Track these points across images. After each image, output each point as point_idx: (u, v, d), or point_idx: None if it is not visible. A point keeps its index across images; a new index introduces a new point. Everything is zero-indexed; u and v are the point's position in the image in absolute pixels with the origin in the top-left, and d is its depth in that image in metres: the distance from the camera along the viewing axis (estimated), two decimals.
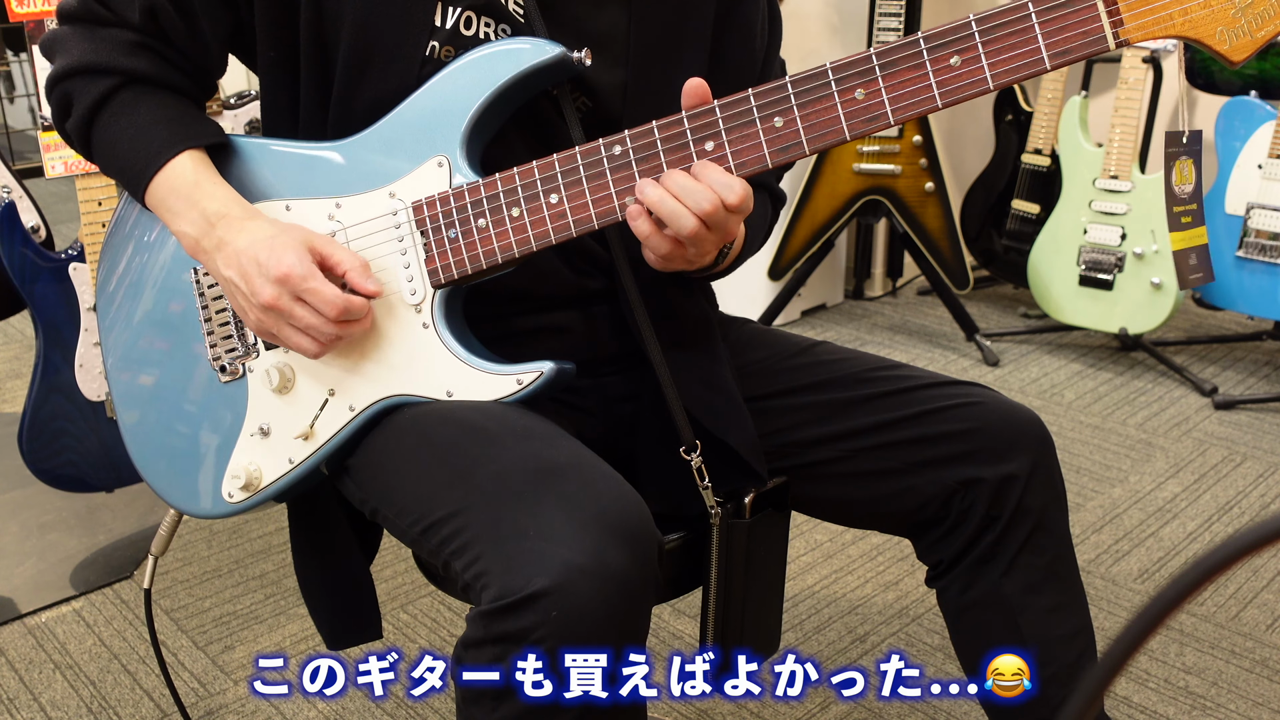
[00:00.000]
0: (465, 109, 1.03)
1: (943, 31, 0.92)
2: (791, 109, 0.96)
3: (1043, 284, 2.97)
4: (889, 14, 2.97)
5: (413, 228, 1.05)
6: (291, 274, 0.99)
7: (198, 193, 1.05)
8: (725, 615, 1.15)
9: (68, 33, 1.08)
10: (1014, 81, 0.92)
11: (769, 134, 0.96)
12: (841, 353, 1.22)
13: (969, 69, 0.92)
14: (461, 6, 1.05)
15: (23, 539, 2.17)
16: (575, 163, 1.01)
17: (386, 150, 1.06)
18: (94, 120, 1.08)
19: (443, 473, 0.98)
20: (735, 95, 0.96)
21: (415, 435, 1.04)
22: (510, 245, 1.03)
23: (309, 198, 1.08)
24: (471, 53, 1.04)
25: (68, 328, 1.91)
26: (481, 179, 1.03)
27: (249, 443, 1.12)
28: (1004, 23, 0.91)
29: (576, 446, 0.98)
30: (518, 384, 1.03)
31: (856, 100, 0.94)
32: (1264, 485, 2.36)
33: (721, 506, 1.12)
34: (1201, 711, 1.67)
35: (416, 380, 1.06)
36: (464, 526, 0.91)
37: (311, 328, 1.01)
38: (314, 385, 1.09)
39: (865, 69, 0.93)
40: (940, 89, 0.93)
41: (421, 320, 1.05)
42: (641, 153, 0.99)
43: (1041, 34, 0.90)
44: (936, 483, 1.13)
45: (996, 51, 0.91)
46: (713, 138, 0.97)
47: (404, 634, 1.87)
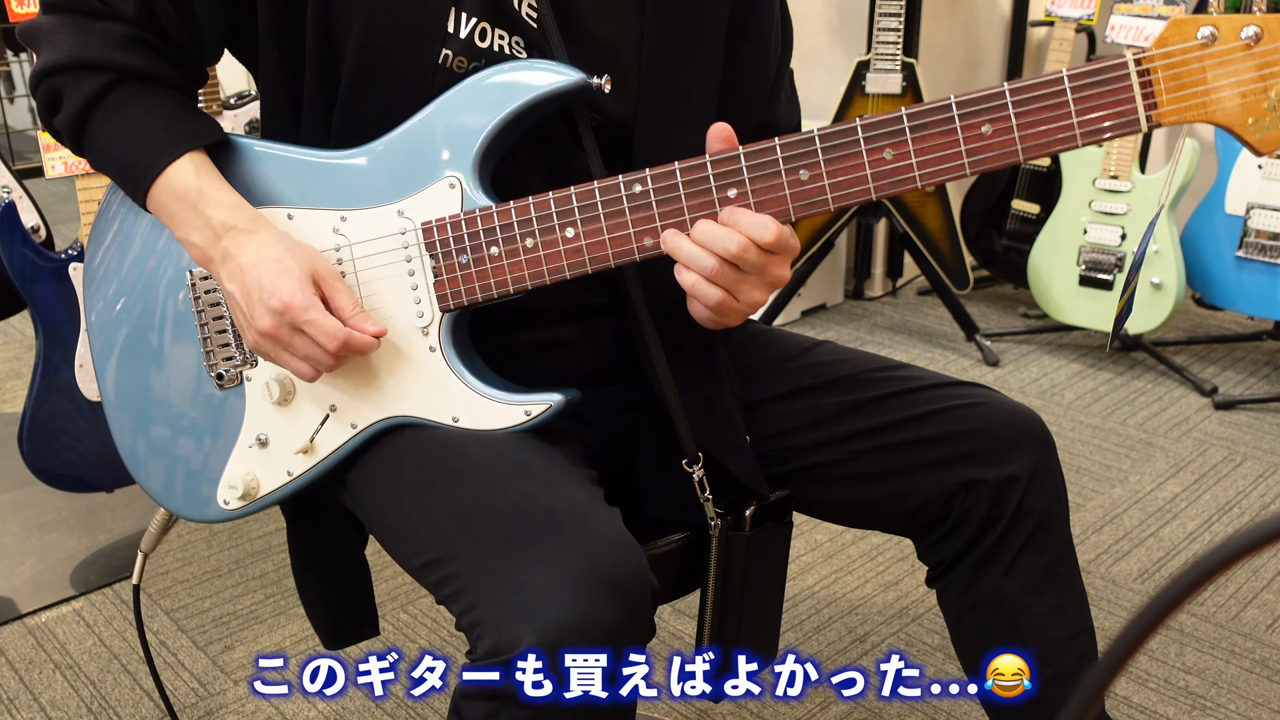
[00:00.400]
0: (479, 130, 1.01)
1: (976, 98, 0.91)
2: (818, 163, 0.94)
3: (1043, 284, 2.97)
4: (889, 14, 2.97)
5: (422, 249, 1.03)
6: (291, 306, 0.97)
7: (202, 201, 1.02)
8: (722, 625, 1.15)
9: (55, 24, 1.03)
10: (1044, 155, 0.92)
11: (793, 186, 0.95)
12: (842, 353, 1.22)
13: (1000, 139, 0.91)
14: (476, 16, 1.02)
15: (23, 539, 2.17)
16: (593, 198, 0.99)
17: (395, 165, 1.03)
18: (87, 119, 1.04)
19: (441, 510, 0.97)
20: (761, 144, 0.95)
21: (415, 463, 1.03)
22: (523, 276, 1.01)
23: (313, 208, 1.06)
24: (488, 71, 1.01)
25: (68, 328, 1.91)
26: (495, 205, 1.01)
27: (246, 453, 1.11)
28: (1038, 94, 0.90)
29: (573, 488, 0.97)
30: (525, 415, 1.02)
31: (884, 160, 0.93)
32: (1264, 485, 2.36)
33: (722, 518, 1.12)
34: (1201, 711, 1.67)
35: (422, 404, 1.04)
36: (459, 572, 0.91)
37: (310, 358, 0.99)
38: (315, 400, 1.08)
39: (895, 129, 0.93)
40: (969, 156, 0.92)
41: (428, 343, 1.04)
42: (662, 194, 0.97)
43: (1075, 109, 0.90)
44: (937, 484, 1.12)
45: (1029, 124, 0.90)
46: (736, 185, 0.96)
47: (404, 634, 1.87)
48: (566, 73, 0.99)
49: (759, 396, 1.18)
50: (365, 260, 1.04)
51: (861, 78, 3.04)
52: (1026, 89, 0.90)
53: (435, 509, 0.98)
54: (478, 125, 1.01)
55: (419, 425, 1.05)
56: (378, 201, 1.04)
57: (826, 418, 1.16)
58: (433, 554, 0.95)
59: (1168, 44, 0.89)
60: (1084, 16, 2.93)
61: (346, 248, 1.05)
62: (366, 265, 1.04)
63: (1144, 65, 0.89)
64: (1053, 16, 2.99)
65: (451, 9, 1.02)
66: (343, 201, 1.05)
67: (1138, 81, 0.89)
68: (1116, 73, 0.89)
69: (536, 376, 1.11)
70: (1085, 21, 2.94)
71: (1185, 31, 0.88)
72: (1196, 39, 0.88)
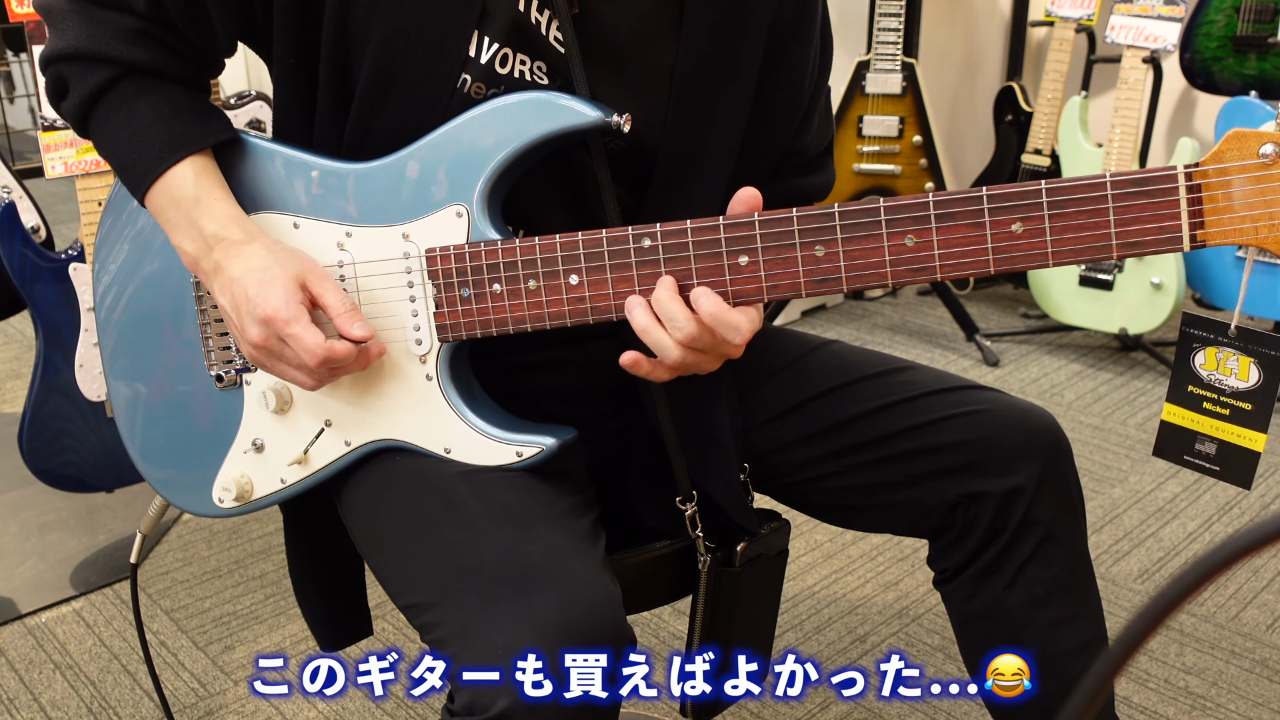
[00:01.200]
0: (489, 159, 0.98)
1: (1010, 193, 0.86)
2: (835, 240, 0.90)
3: (1043, 284, 2.97)
4: (889, 14, 2.98)
5: (424, 276, 1.00)
6: (275, 317, 0.95)
7: (197, 210, 1.00)
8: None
9: (66, 9, 1.00)
10: (1074, 262, 0.86)
11: (807, 262, 0.91)
12: (847, 355, 1.19)
13: (1030, 240, 0.86)
14: (498, 40, 0.99)
15: (23, 539, 2.17)
16: (600, 246, 0.95)
17: (403, 186, 1.00)
18: (90, 111, 1.02)
19: (423, 553, 0.97)
20: (779, 213, 0.91)
21: (403, 497, 1.02)
22: (524, 318, 0.99)
23: (320, 219, 1.03)
24: (505, 99, 0.97)
25: (68, 328, 1.91)
26: (500, 240, 0.98)
27: (242, 457, 1.10)
28: (1077, 198, 0.84)
29: (555, 536, 0.95)
30: (516, 456, 1.01)
31: (905, 247, 0.89)
32: (1264, 485, 2.36)
33: (712, 554, 1.11)
34: (1201, 711, 1.67)
35: (415, 431, 1.03)
36: (439, 622, 0.91)
37: (302, 368, 0.97)
38: (311, 412, 1.07)
39: (920, 215, 0.88)
40: (995, 254, 0.87)
41: (425, 372, 1.02)
42: (671, 251, 0.94)
43: (1115, 218, 0.83)
44: (938, 495, 1.10)
45: (1063, 227, 0.85)
46: (748, 253, 0.92)
47: (404, 634, 1.87)
48: (585, 110, 0.96)
49: (763, 410, 1.16)
50: (368, 280, 1.02)
51: (861, 78, 3.04)
52: (1065, 189, 0.85)
53: (418, 551, 0.97)
54: (488, 156, 0.98)
55: (411, 451, 1.04)
56: (383, 221, 1.01)
57: (827, 429, 1.13)
58: (415, 598, 0.95)
59: (1224, 159, 0.81)
60: (1084, 17, 2.93)
61: (350, 265, 1.03)
62: (369, 285, 1.03)
63: (1195, 180, 0.82)
64: (1053, 16, 2.99)
65: (474, 32, 0.98)
66: (349, 216, 1.03)
67: (1186, 197, 0.82)
68: (1164, 185, 0.83)
69: (534, 394, 1.10)
70: (1085, 22, 2.94)
71: (1246, 147, 0.81)
72: (1258, 156, 0.81)
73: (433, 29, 0.97)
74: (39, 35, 1.82)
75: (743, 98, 1.06)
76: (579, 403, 1.09)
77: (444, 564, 0.95)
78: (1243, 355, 0.92)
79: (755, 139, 1.09)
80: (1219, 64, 2.86)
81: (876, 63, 3.01)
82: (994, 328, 3.22)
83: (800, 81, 1.11)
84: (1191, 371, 0.95)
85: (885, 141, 3.02)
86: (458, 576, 0.93)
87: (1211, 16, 2.84)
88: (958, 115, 3.65)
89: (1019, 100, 3.14)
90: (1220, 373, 0.94)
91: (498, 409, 1.06)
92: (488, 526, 0.96)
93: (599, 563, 0.96)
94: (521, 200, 1.04)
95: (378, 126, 1.02)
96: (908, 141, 3.01)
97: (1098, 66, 3.22)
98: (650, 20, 1.02)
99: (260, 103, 2.01)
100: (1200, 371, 0.94)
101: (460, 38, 0.98)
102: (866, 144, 3.05)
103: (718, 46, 1.04)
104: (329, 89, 1.02)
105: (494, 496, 0.99)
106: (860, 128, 3.06)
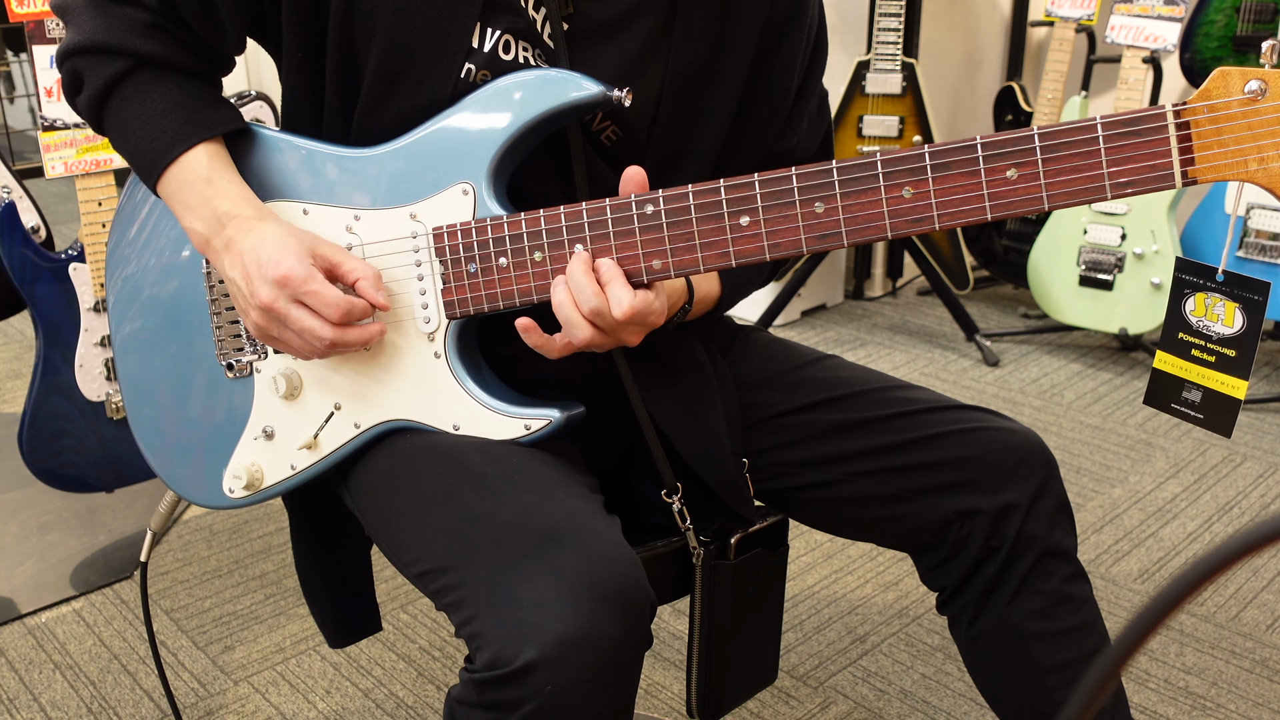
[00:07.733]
0: (496, 138, 1.00)
1: (1003, 140, 0.88)
2: (834, 196, 0.92)
3: (1043, 284, 2.98)
4: (889, 14, 2.98)
5: (432, 254, 1.02)
6: (291, 276, 0.97)
7: (210, 190, 1.02)
8: (710, 652, 1.14)
9: (81, 4, 1.04)
10: (1069, 205, 0.88)
11: (808, 219, 0.93)
12: (847, 369, 1.20)
13: (1025, 185, 0.88)
14: (501, 30, 1.02)
15: (23, 539, 2.17)
16: (604, 215, 0.97)
17: (411, 168, 1.03)
18: (105, 103, 1.05)
19: (440, 519, 0.97)
20: (778, 172, 0.93)
21: (416, 470, 1.03)
22: (530, 290, 1.00)
23: (328, 204, 1.06)
24: (509, 78, 1.00)
25: (68, 328, 1.91)
26: (506, 215, 1.00)
27: (252, 444, 1.12)
28: (1068, 141, 0.86)
29: (573, 499, 0.97)
30: (525, 429, 1.02)
31: (903, 199, 0.90)
32: (1264, 485, 2.36)
33: (705, 546, 1.11)
34: (1201, 711, 1.67)
35: (424, 409, 1.05)
36: (459, 583, 0.91)
37: (306, 330, 0.98)
38: (321, 396, 1.09)
39: (916, 166, 0.90)
40: (992, 200, 0.88)
41: (434, 349, 1.04)
42: (673, 216, 0.96)
43: (1106, 159, 0.85)
44: (932, 510, 1.10)
45: (1056, 171, 0.87)
46: (749, 213, 0.94)
47: (404, 634, 1.87)
48: (588, 85, 0.98)
49: (760, 412, 1.16)
50: (377, 261, 1.04)
51: (861, 78, 3.04)
52: (1057, 134, 0.86)
53: (435, 518, 0.98)
54: (494, 133, 1.00)
55: (420, 430, 1.05)
56: (391, 203, 1.04)
57: (825, 435, 1.14)
58: (432, 563, 0.95)
59: (1211, 96, 0.83)
60: (1084, 16, 2.93)
61: (359, 247, 1.05)
62: (377, 266, 1.04)
63: (1184, 117, 0.83)
64: (1053, 16, 2.99)
65: (477, 23, 1.01)
66: (358, 200, 1.05)
67: (1175, 134, 0.84)
68: (1153, 123, 0.84)
69: (533, 382, 1.10)
70: (1085, 21, 2.94)
71: (1231, 84, 0.82)
72: (1243, 93, 0.82)
73: (437, 19, 1.00)
74: (39, 35, 1.82)
75: (729, 100, 1.09)
76: (579, 391, 1.09)
77: (464, 527, 0.95)
78: (1229, 300, 0.94)
79: (737, 136, 1.11)
80: (1219, 64, 2.86)
81: (876, 63, 3.01)
82: (994, 328, 3.22)
83: (787, 82, 1.13)
84: (1182, 318, 0.97)
85: (885, 141, 3.02)
86: (477, 536, 0.93)
87: (1211, 16, 2.84)
88: (958, 115, 3.65)
89: (1019, 100, 3.14)
90: (1208, 319, 0.95)
91: (504, 386, 1.07)
92: (506, 490, 0.97)
93: (618, 529, 0.96)
94: (524, 193, 1.06)
95: (384, 116, 1.04)
96: (908, 141, 3.01)
97: (1098, 66, 3.22)
98: (643, 18, 1.05)
99: (260, 103, 2.01)
100: (1190, 318, 0.96)
101: (463, 28, 1.00)
102: (866, 144, 3.05)
103: (710, 48, 1.06)
104: (336, 81, 1.05)
105: (510, 465, 1.00)
106: (860, 128, 3.07)
